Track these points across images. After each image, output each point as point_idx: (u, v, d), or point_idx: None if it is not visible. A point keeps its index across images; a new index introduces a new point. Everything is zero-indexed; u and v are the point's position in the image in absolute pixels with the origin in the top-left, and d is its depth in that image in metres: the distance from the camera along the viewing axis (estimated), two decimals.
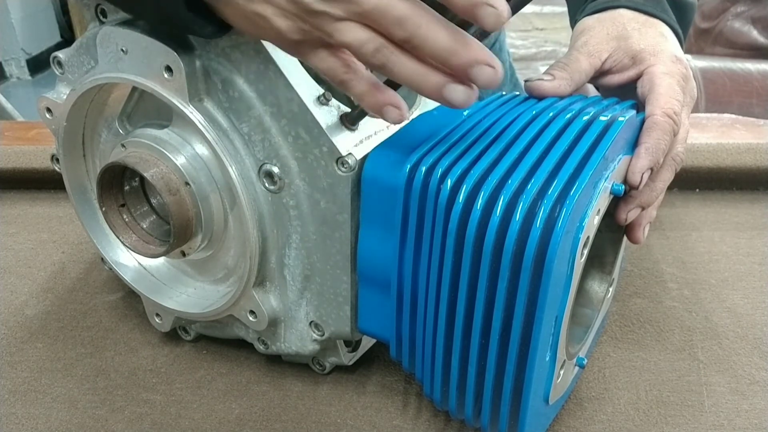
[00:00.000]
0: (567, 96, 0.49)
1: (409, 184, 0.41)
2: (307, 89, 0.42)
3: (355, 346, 0.53)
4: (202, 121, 0.44)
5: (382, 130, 0.45)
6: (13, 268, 0.68)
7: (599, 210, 0.41)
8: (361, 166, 0.42)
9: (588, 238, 0.40)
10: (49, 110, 0.52)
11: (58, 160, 0.54)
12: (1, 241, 0.73)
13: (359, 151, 0.43)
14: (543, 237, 0.36)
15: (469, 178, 0.39)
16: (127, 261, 0.56)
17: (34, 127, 0.90)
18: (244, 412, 0.51)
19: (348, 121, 0.43)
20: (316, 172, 0.43)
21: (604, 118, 0.43)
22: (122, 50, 0.45)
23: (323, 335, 0.49)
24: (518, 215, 0.37)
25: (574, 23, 0.57)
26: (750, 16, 1.62)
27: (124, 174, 0.51)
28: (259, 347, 0.53)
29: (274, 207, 0.46)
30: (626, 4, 0.54)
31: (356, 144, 0.43)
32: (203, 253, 0.52)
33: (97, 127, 0.54)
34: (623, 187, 0.43)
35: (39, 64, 3.31)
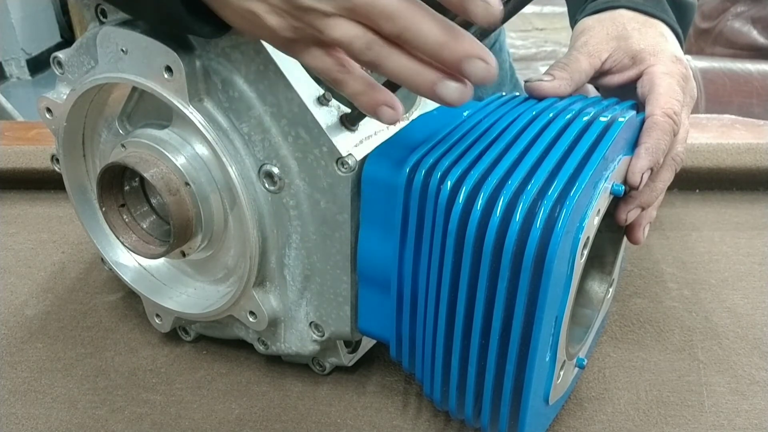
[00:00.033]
0: (567, 96, 0.49)
1: (409, 185, 0.41)
2: (307, 89, 0.42)
3: (355, 346, 0.53)
4: (202, 121, 0.44)
5: (382, 130, 0.45)
6: (13, 268, 0.68)
7: (599, 210, 0.41)
8: (361, 167, 0.42)
9: (588, 238, 0.40)
10: (49, 110, 0.52)
11: (58, 160, 0.54)
12: (1, 241, 0.73)
13: (359, 152, 0.43)
14: (543, 237, 0.36)
15: (469, 179, 0.39)
16: (127, 261, 0.56)
17: (34, 127, 0.90)
18: (244, 412, 0.51)
19: (348, 122, 0.43)
20: (316, 172, 0.43)
21: (604, 118, 0.43)
22: (122, 50, 0.45)
23: (323, 335, 0.49)
24: (518, 215, 0.37)
25: (574, 23, 0.57)
26: (750, 16, 1.62)
27: (124, 174, 0.51)
28: (259, 347, 0.53)
29: (274, 207, 0.46)
30: (626, 4, 0.54)
31: (356, 144, 0.43)
32: (203, 254, 0.52)
33: (97, 127, 0.54)
34: (623, 188, 0.43)
35: (39, 64, 3.31)
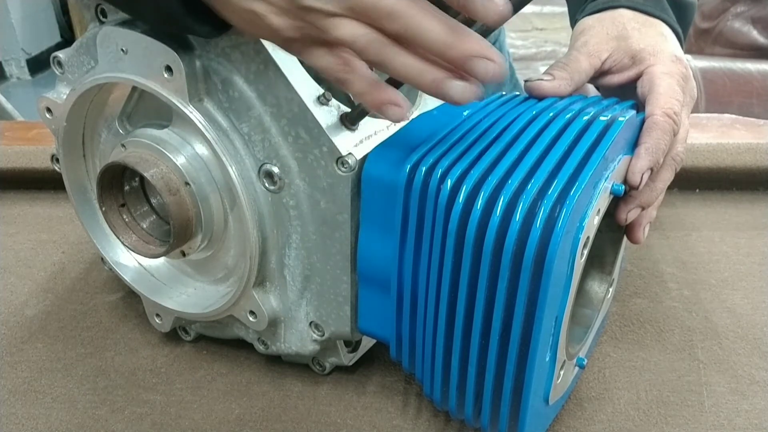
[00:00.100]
0: (567, 96, 0.49)
1: (409, 184, 0.41)
2: (307, 89, 0.42)
3: (355, 346, 0.53)
4: (202, 121, 0.44)
5: (382, 130, 0.45)
6: (13, 268, 0.68)
7: (599, 210, 0.41)
8: (361, 166, 0.42)
9: (588, 238, 0.40)
10: (49, 110, 0.52)
11: (58, 160, 0.54)
12: (1, 241, 0.73)
13: (359, 151, 0.43)
14: (543, 237, 0.36)
15: (469, 178, 0.39)
16: (127, 261, 0.56)
17: (34, 127, 0.90)
18: (244, 412, 0.51)
19: (348, 121, 0.43)
20: (316, 172, 0.43)
21: (604, 118, 0.43)
22: (122, 50, 0.45)
23: (323, 335, 0.49)
24: (518, 215, 0.37)
25: (574, 23, 0.57)
26: (750, 16, 1.62)
27: (124, 174, 0.51)
28: (259, 347, 0.53)
29: (274, 207, 0.46)
30: (626, 4, 0.54)
31: (356, 144, 0.43)
32: (203, 253, 0.52)
33: (97, 127, 0.54)
34: (623, 187, 0.43)
35: (39, 64, 3.31)
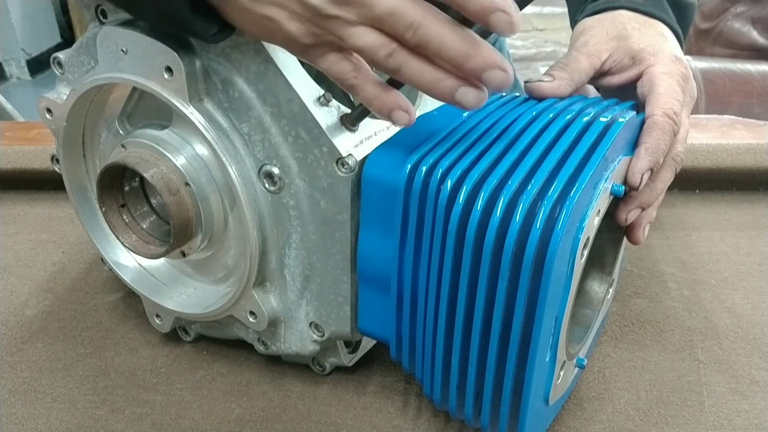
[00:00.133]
0: (567, 97, 0.49)
1: (409, 185, 0.41)
2: (307, 90, 0.42)
3: (355, 346, 0.53)
4: (202, 122, 0.44)
5: (382, 130, 0.45)
6: (13, 268, 0.68)
7: (599, 210, 0.41)
8: (361, 167, 0.42)
9: (588, 238, 0.40)
10: (49, 110, 0.52)
11: (58, 161, 0.54)
12: (1, 241, 0.73)
13: (359, 152, 0.43)
14: (543, 237, 0.36)
15: (469, 179, 0.39)
16: (127, 261, 0.56)
17: (34, 128, 0.90)
18: (244, 412, 0.51)
19: (348, 122, 0.43)
20: (316, 172, 0.43)
21: (604, 118, 0.43)
22: (122, 50, 0.45)
23: (323, 336, 0.49)
24: (518, 216, 0.37)
25: (573, 24, 0.57)
26: (750, 16, 1.62)
27: (124, 174, 0.51)
28: (259, 348, 0.53)
29: (274, 207, 0.46)
30: (626, 4, 0.54)
31: (356, 144, 0.43)
32: (203, 254, 0.52)
33: (97, 128, 0.54)
34: (623, 188, 0.43)
35: (39, 65, 3.31)
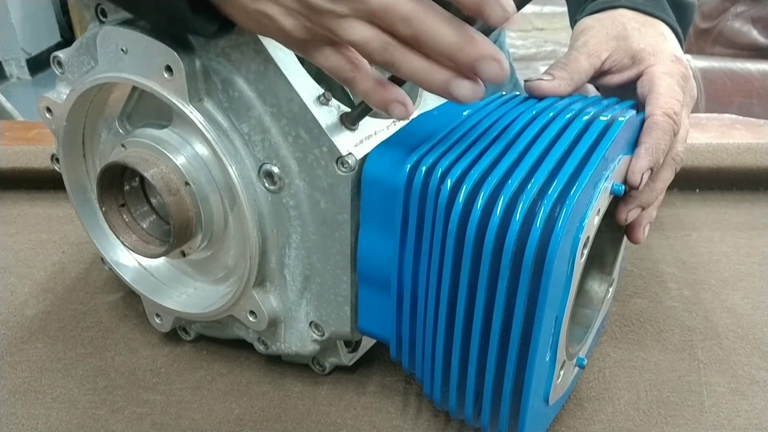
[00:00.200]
0: (567, 96, 0.49)
1: (409, 184, 0.41)
2: (307, 89, 0.42)
3: (355, 346, 0.53)
4: (202, 121, 0.44)
5: (382, 130, 0.45)
6: (13, 268, 0.68)
7: (599, 210, 0.41)
8: (361, 166, 0.42)
9: (588, 238, 0.40)
10: (49, 110, 0.52)
11: (58, 160, 0.54)
12: (1, 241, 0.73)
13: (359, 151, 0.43)
14: (543, 237, 0.36)
15: (469, 178, 0.39)
16: (127, 261, 0.56)
17: (34, 127, 0.90)
18: (244, 412, 0.51)
19: (348, 121, 0.43)
20: (316, 172, 0.43)
21: (604, 118, 0.43)
22: (122, 50, 0.45)
23: (323, 335, 0.49)
24: (518, 215, 0.37)
25: (573, 23, 0.57)
26: (750, 16, 1.62)
27: (124, 174, 0.51)
28: (259, 347, 0.53)
29: (274, 207, 0.46)
30: (626, 4, 0.54)
31: (356, 144, 0.43)
32: (203, 253, 0.52)
33: (97, 127, 0.54)
34: (623, 188, 0.43)
35: (39, 64, 3.31)
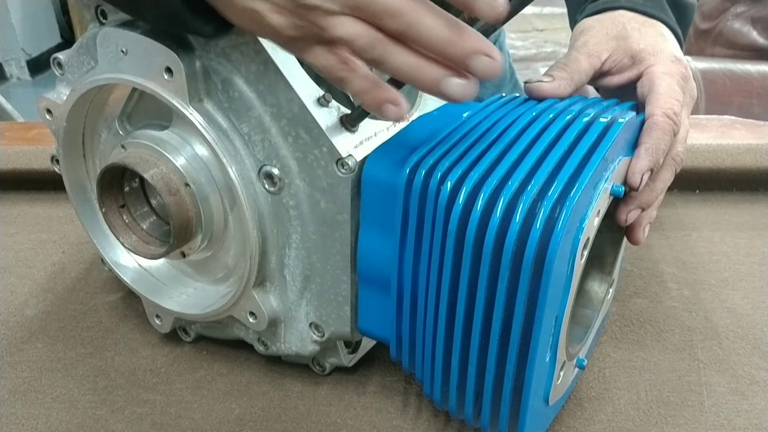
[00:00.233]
0: (567, 97, 0.49)
1: (409, 185, 0.41)
2: (307, 90, 0.42)
3: (355, 347, 0.53)
4: (202, 122, 0.44)
5: (382, 131, 0.45)
6: (13, 268, 0.68)
7: (599, 211, 0.41)
8: (361, 167, 0.42)
9: (588, 239, 0.40)
10: (49, 111, 0.52)
11: (58, 161, 0.54)
12: (1, 241, 0.73)
13: (359, 153, 0.43)
14: (543, 238, 0.36)
15: (468, 180, 0.39)
16: (126, 262, 0.56)
17: (34, 128, 0.90)
18: (244, 412, 0.51)
19: (348, 123, 0.43)
20: (316, 172, 0.43)
21: (604, 119, 0.43)
22: (122, 51, 0.45)
23: (323, 336, 0.49)
24: (518, 216, 0.37)
25: (573, 24, 0.57)
26: (750, 16, 1.62)
27: (124, 175, 0.51)
28: (259, 348, 0.53)
29: (274, 207, 0.46)
30: (626, 4, 0.54)
31: (356, 145, 0.43)
32: (203, 254, 0.52)
33: (97, 128, 0.54)
34: (623, 188, 0.43)
35: (39, 65, 3.31)
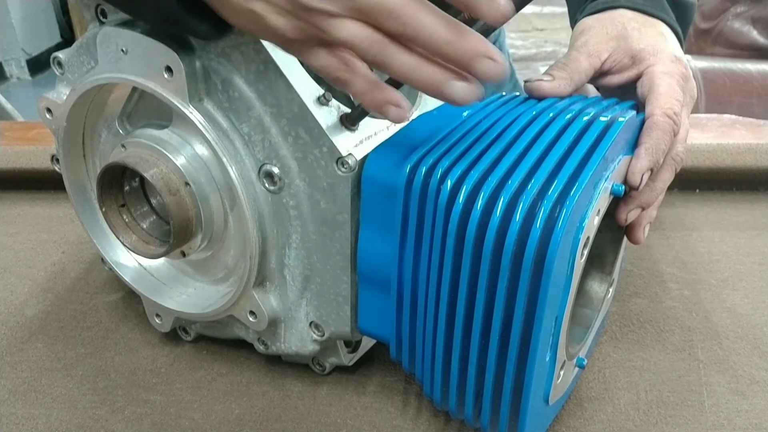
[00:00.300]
0: (567, 96, 0.49)
1: (409, 185, 0.41)
2: (307, 90, 0.42)
3: (355, 346, 0.53)
4: (202, 122, 0.44)
5: (382, 130, 0.45)
6: (13, 268, 0.68)
7: (599, 210, 0.41)
8: (361, 167, 0.42)
9: (588, 238, 0.40)
10: (49, 110, 0.52)
11: (58, 161, 0.54)
12: (1, 241, 0.73)
13: (359, 152, 0.43)
14: (543, 237, 0.36)
15: (469, 179, 0.39)
16: (127, 261, 0.56)
17: (34, 127, 0.90)
18: (244, 412, 0.51)
19: (348, 122, 0.43)
20: (316, 172, 0.43)
21: (604, 118, 0.43)
22: (122, 50, 0.45)
23: (323, 335, 0.49)
24: (518, 216, 0.37)
25: (573, 23, 0.57)
26: (750, 16, 1.62)
27: (124, 174, 0.51)
28: (259, 347, 0.53)
29: (274, 207, 0.46)
30: (626, 4, 0.54)
31: (356, 144, 0.43)
32: (203, 254, 0.52)
33: (97, 127, 0.54)
34: (623, 188, 0.43)
35: (39, 65, 3.31)
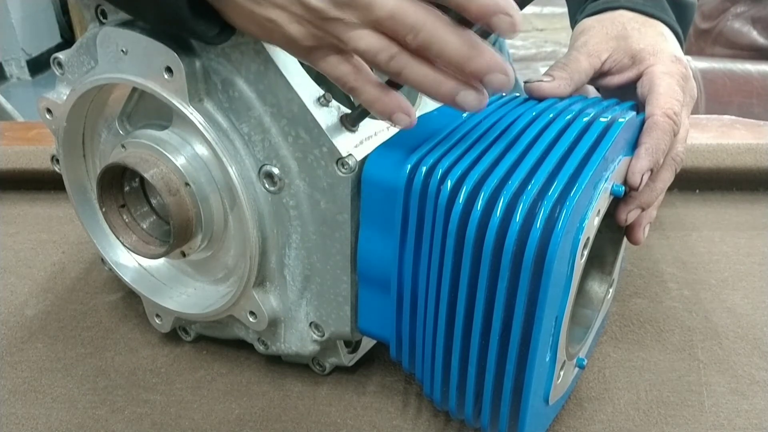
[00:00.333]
0: (567, 97, 0.49)
1: (409, 185, 0.41)
2: (307, 90, 0.42)
3: (355, 346, 0.53)
4: (202, 122, 0.44)
5: (382, 130, 0.45)
6: (13, 268, 0.68)
7: (599, 211, 0.41)
8: (362, 167, 0.42)
9: (588, 238, 0.40)
10: (49, 111, 0.52)
11: (58, 161, 0.54)
12: (1, 241, 0.73)
13: (359, 152, 0.43)
14: (543, 237, 0.36)
15: (469, 179, 0.39)
16: (127, 261, 0.56)
17: (34, 128, 0.90)
18: (244, 412, 0.51)
19: (348, 122, 0.43)
20: (316, 172, 0.43)
21: (604, 119, 0.43)
22: (122, 51, 0.45)
23: (323, 336, 0.49)
24: (518, 216, 0.37)
25: (573, 23, 0.57)
26: (750, 16, 1.62)
27: (124, 174, 0.51)
28: (259, 348, 0.53)
29: (274, 207, 0.46)
30: (626, 4, 0.54)
31: (356, 145, 0.43)
32: (203, 254, 0.52)
33: (97, 128, 0.54)
34: (623, 188, 0.43)
35: (39, 65, 3.31)
